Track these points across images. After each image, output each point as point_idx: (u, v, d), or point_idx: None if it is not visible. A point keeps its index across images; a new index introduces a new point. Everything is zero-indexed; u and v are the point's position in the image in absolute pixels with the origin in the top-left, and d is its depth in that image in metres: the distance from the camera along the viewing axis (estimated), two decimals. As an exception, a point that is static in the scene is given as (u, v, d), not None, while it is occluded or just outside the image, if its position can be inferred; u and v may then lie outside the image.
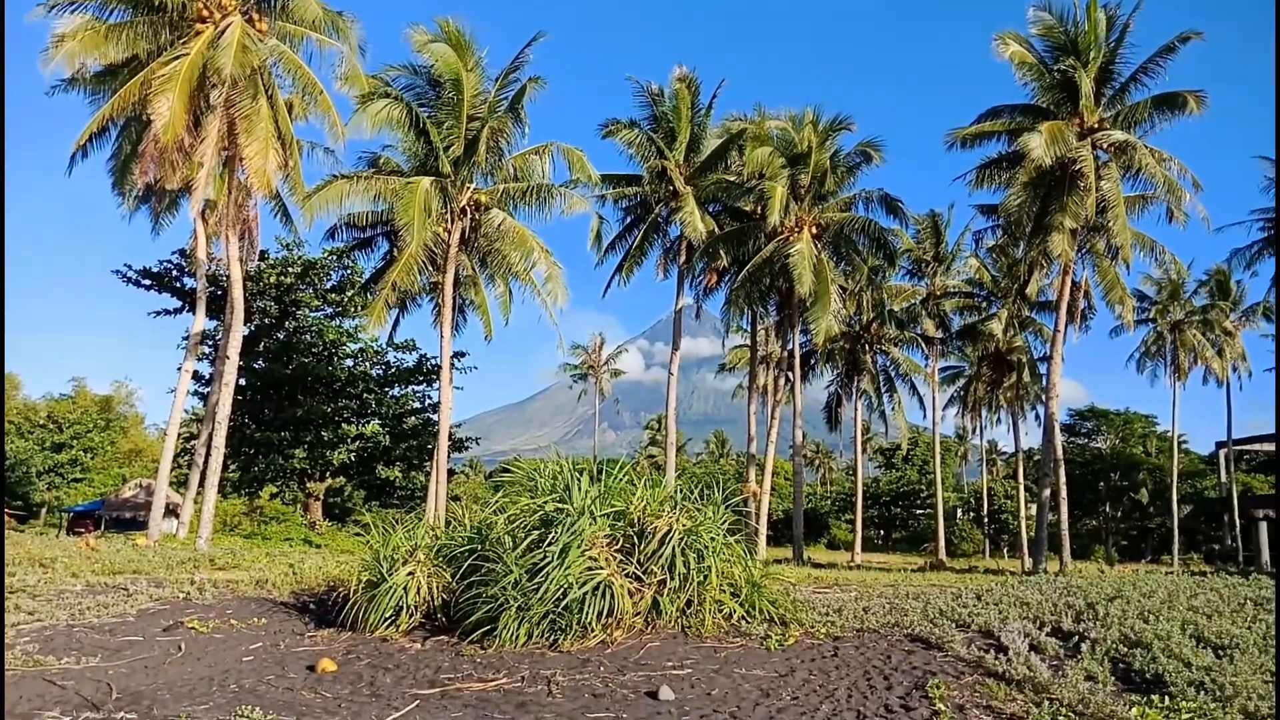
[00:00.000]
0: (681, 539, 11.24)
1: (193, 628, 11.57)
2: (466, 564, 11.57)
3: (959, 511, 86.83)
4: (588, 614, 10.40)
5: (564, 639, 10.41)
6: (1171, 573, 24.69)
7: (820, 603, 13.45)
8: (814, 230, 32.86)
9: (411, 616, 11.70)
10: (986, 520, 75.29)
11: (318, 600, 13.88)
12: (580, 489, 11.90)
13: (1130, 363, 59.19)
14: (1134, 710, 7.10)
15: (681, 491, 12.35)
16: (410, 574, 11.87)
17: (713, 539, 11.55)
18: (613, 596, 10.59)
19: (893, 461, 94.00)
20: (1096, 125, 30.21)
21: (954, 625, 10.94)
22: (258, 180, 22.70)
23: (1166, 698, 7.53)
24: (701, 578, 11.22)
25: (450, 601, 11.74)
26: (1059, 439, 32.35)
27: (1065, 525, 31.77)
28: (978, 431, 68.05)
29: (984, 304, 47.18)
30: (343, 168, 27.69)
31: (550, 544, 10.98)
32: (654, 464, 66.52)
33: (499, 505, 12.59)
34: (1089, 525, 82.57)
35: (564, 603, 10.44)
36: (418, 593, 11.78)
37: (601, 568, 10.88)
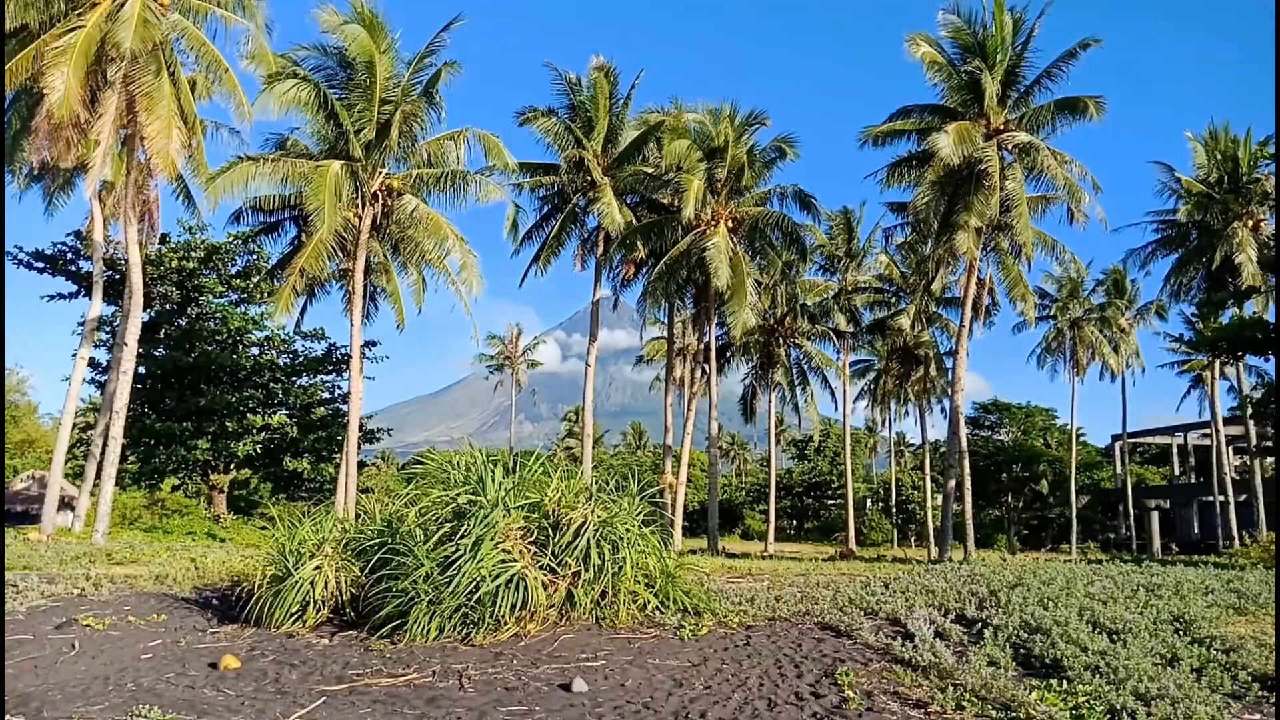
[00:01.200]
0: (597, 531, 11.22)
1: (88, 625, 11.10)
2: (376, 557, 11.34)
3: (868, 502, 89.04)
4: (501, 607, 10.30)
5: (477, 633, 10.29)
6: (1070, 560, 25.77)
7: (734, 592, 13.60)
8: (730, 224, 33.14)
9: (319, 612, 11.42)
10: (895, 510, 77.40)
11: (221, 596, 13.46)
12: (494, 480, 11.77)
13: (1031, 358, 61.42)
14: (1034, 694, 7.37)
15: (598, 483, 12.32)
16: (317, 568, 11.58)
17: (628, 530, 11.56)
18: (526, 589, 10.51)
19: (805, 453, 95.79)
20: (1002, 127, 31.17)
21: (863, 613, 11.19)
22: (160, 160, 21.74)
23: (1064, 681, 7.83)
24: (616, 569, 11.22)
25: (359, 596, 11.50)
26: (964, 431, 33.37)
27: (969, 515, 32.78)
28: (886, 424, 69.75)
29: (893, 299, 48.39)
30: (249, 149, 26.80)
31: (463, 536, 10.83)
32: (571, 456, 66.36)
33: (410, 497, 12.38)
34: (992, 515, 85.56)
35: (477, 596, 10.31)
36: (325, 587, 11.51)
37: (515, 560, 10.78)
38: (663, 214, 34.15)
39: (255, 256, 42.41)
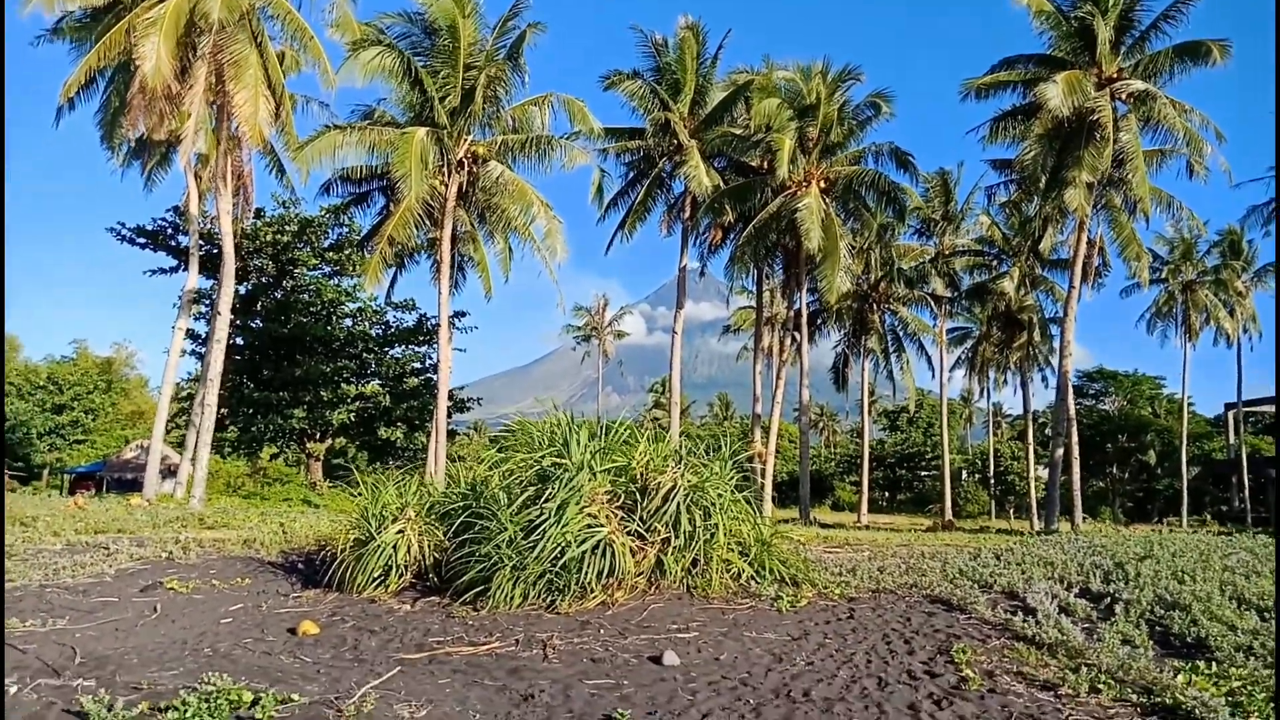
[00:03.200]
0: (687, 495, 10.64)
1: (172, 588, 11.05)
2: (459, 521, 10.99)
3: (964, 473, 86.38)
4: (587, 574, 9.83)
5: (562, 600, 9.85)
6: (1187, 533, 24.14)
7: (832, 562, 12.89)
8: (822, 184, 31.90)
9: (401, 577, 11.16)
10: (993, 482, 74.86)
11: (306, 560, 13.37)
12: (579, 443, 11.27)
13: (1140, 323, 58.31)
14: (1180, 677, 6.50)
15: (686, 448, 11.71)
16: (400, 532, 11.30)
17: (719, 496, 10.95)
18: (613, 555, 10.01)
19: (897, 424, 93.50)
20: (1115, 75, 29.15)
21: (976, 586, 10.36)
22: (248, 129, 21.87)
23: (1213, 663, 6.93)
24: (708, 536, 10.64)
25: (442, 561, 11.20)
26: (1071, 399, 31.64)
27: (1077, 486, 31.24)
28: (985, 393, 67.38)
29: (994, 262, 46.24)
30: (337, 121, 26.78)
31: (547, 500, 10.38)
32: (659, 426, 65.67)
33: (494, 461, 11.99)
34: (1095, 486, 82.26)
35: (561, 562, 9.86)
36: (408, 552, 11.24)
37: (602, 525, 10.28)
38: (751, 176, 33.12)
39: (347, 230, 42.95)
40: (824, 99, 31.78)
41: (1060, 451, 30.69)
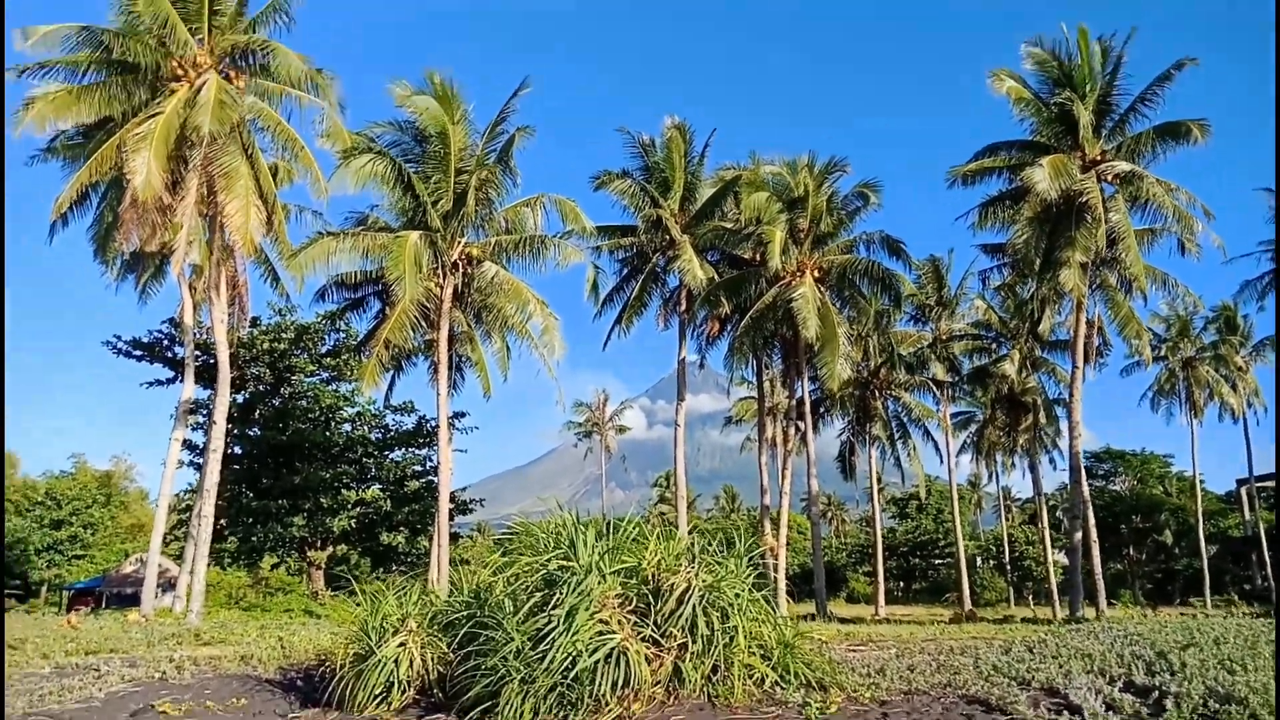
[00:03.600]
0: (703, 596, 10.14)
1: (164, 712, 10.47)
2: (463, 632, 10.47)
3: (978, 560, 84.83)
4: (600, 685, 9.26)
5: (575, 715, 9.26)
6: (1213, 615, 23.40)
7: (858, 662, 12.29)
8: (816, 274, 32.07)
9: (404, 693, 10.56)
10: (1009, 568, 73.31)
11: (305, 676, 12.77)
12: (586, 544, 10.82)
13: (1144, 401, 58.01)
14: (1249, 780, 5.99)
15: (699, 545, 11.26)
16: (401, 645, 10.75)
17: (737, 596, 10.44)
18: (628, 664, 9.46)
19: (906, 511, 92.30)
20: (1099, 158, 29.56)
21: (1013, 683, 9.80)
22: (240, 238, 21.99)
23: (1281, 762, 6.43)
24: (727, 639, 10.09)
25: (447, 675, 10.61)
26: (1085, 481, 31.11)
27: (1098, 569, 30.41)
28: (993, 477, 66.65)
29: (994, 345, 46.22)
30: (330, 228, 27.05)
31: (555, 606, 9.89)
32: (666, 521, 64.96)
33: (498, 566, 11.52)
34: (1114, 569, 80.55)
35: (573, 673, 9.31)
36: (410, 666, 10.66)
37: (614, 632, 9.76)
38: (745, 268, 33.33)
39: (344, 335, 43.02)
40: (812, 191, 32.20)
41: (1079, 535, 30.00)
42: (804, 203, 32.11)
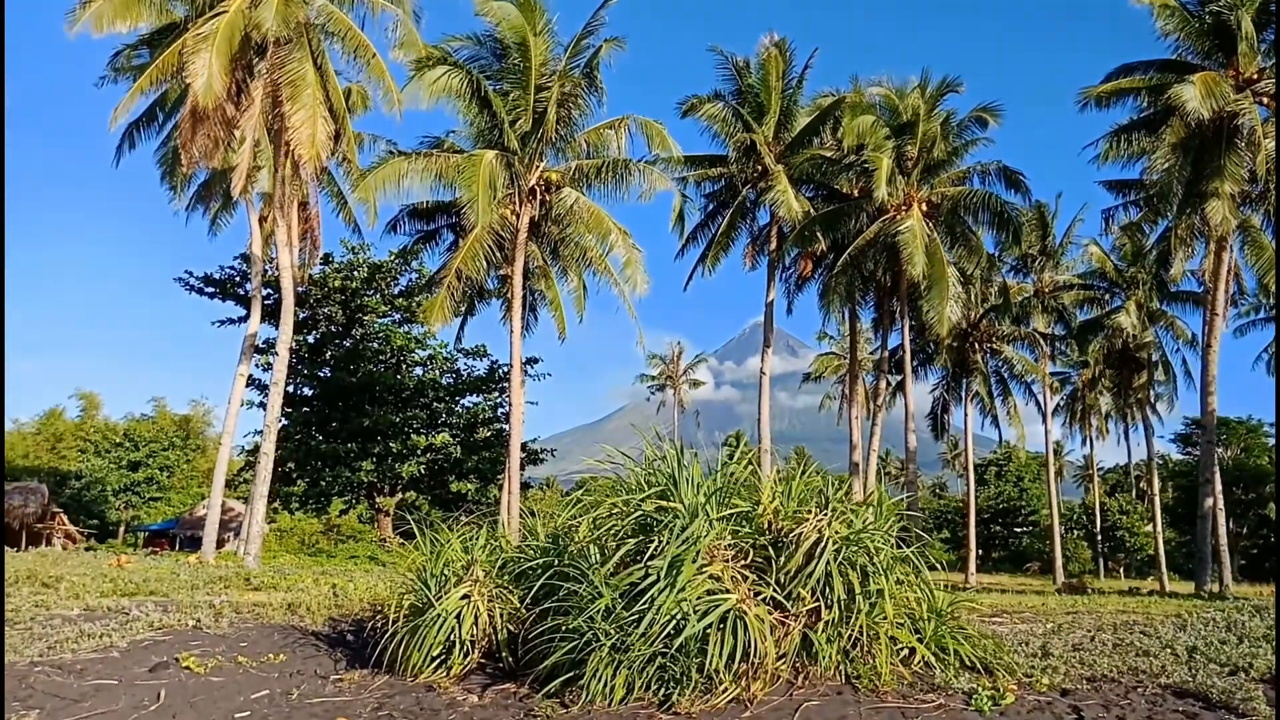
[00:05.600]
0: (838, 551, 8.03)
1: (188, 667, 8.82)
2: (539, 584, 8.55)
3: (1058, 529, 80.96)
4: (713, 658, 7.27)
5: (680, 694, 7.25)
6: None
7: (1007, 637, 10.08)
8: (924, 207, 29.16)
9: (467, 656, 8.71)
10: (1099, 538, 69.47)
11: (356, 629, 11.10)
12: (690, 482, 8.75)
13: (1258, 364, 53.48)
14: None
15: (830, 489, 9.09)
16: (464, 598, 8.87)
17: (880, 552, 8.30)
18: (746, 632, 7.43)
19: (984, 477, 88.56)
20: (1255, 76, 26.05)
21: (1223, 670, 7.53)
22: (305, 152, 20.26)
23: None
24: (869, 606, 7.99)
25: (518, 635, 8.75)
26: (1216, 443, 28.04)
27: (1225, 541, 27.49)
28: (1087, 443, 62.91)
29: (1106, 296, 42.54)
30: (401, 150, 25.19)
31: (653, 556, 7.89)
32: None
33: (580, 506, 9.58)
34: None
35: (678, 642, 7.33)
36: (474, 623, 8.79)
37: (727, 591, 7.72)
38: (843, 202, 30.61)
39: (416, 275, 41.61)
40: (923, 114, 29.19)
41: (1209, 502, 27.09)
42: (913, 128, 29.16)
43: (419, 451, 41.02)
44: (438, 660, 8.64)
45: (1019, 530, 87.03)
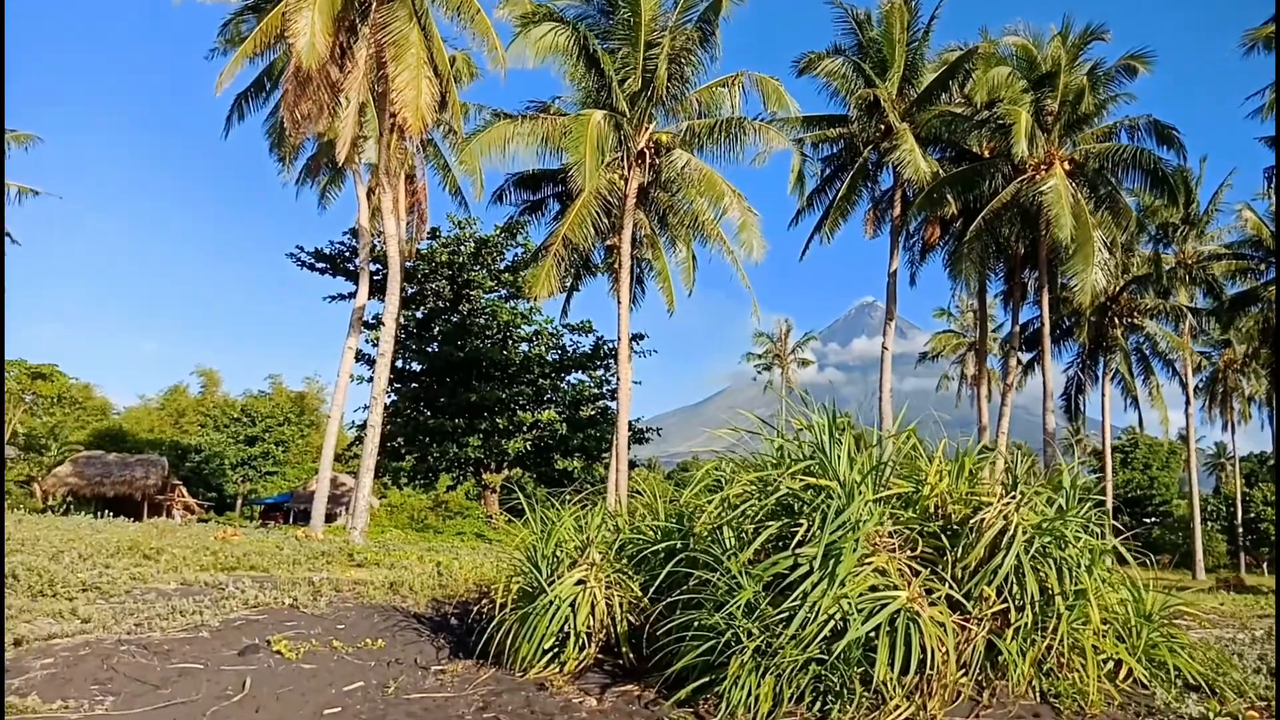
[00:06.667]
0: (1029, 543, 6.63)
1: (279, 650, 8.02)
2: (666, 571, 7.41)
3: (1199, 520, 76.01)
4: (881, 668, 6.00)
5: (839, 709, 6.00)
6: None
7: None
8: (1067, 166, 26.70)
9: (583, 650, 7.62)
10: (1241, 531, 64.64)
11: (461, 612, 10.19)
12: (843, 457, 7.45)
13: None
14: None
15: (1018, 467, 7.64)
16: (579, 583, 7.79)
17: (1080, 547, 6.85)
18: (921, 637, 6.13)
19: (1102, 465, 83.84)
20: None
21: None
22: (409, 114, 19.55)
23: None
24: (1068, 610, 6.57)
25: (641, 627, 7.64)
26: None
27: None
28: (1228, 428, 58.51)
29: (1260, 266, 38.78)
30: (507, 113, 24.32)
31: (803, 543, 6.64)
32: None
33: (710, 481, 8.38)
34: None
35: (838, 647, 6.07)
36: (591, 613, 7.71)
37: (895, 587, 6.43)
38: (974, 162, 28.37)
39: (522, 249, 41.12)
40: (1065, 64, 26.62)
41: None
42: (1053, 80, 26.63)
43: (525, 428, 40.65)
44: (550, 653, 7.60)
45: (1148, 520, 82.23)
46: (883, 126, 28.14)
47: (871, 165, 29.27)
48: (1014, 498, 6.89)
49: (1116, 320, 36.54)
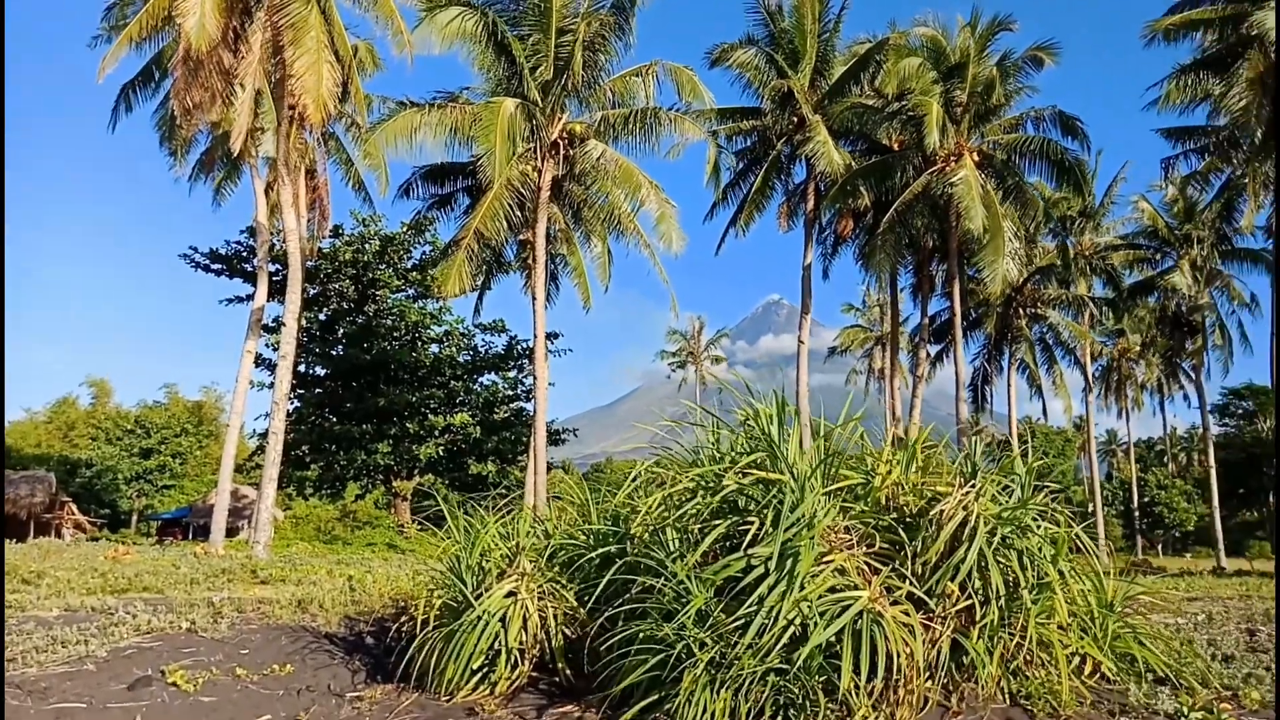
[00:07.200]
0: (990, 535, 6.26)
1: (174, 682, 7.20)
2: (606, 579, 6.82)
3: (1100, 506, 79.17)
4: (846, 676, 5.53)
5: (802, 721, 5.53)
6: None
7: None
8: (976, 157, 27.03)
9: (516, 668, 6.97)
10: (1138, 515, 67.41)
11: (378, 630, 9.44)
12: (792, 445, 6.97)
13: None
14: None
15: (974, 457, 7.28)
16: (510, 595, 7.16)
17: (1041, 537, 6.52)
18: (885, 640, 5.68)
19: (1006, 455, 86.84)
20: (1338, 8, 23.84)
21: None
22: (310, 100, 18.42)
23: None
24: (1034, 604, 6.21)
25: (580, 641, 7.05)
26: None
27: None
28: (1123, 415, 61.13)
29: (1156, 256, 40.29)
30: (414, 101, 23.30)
31: (755, 544, 6.14)
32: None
33: (649, 479, 7.82)
34: (1245, 517, 74.39)
35: (800, 655, 5.58)
36: (524, 627, 7.08)
37: (856, 587, 5.97)
38: (886, 155, 28.54)
39: (431, 247, 39.87)
40: (974, 56, 26.95)
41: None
42: (962, 71, 26.91)
43: (437, 432, 39.45)
44: (479, 673, 6.96)
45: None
46: (796, 119, 28.06)
47: (785, 158, 29.19)
48: (973, 487, 6.51)
49: (1021, 310, 37.47)
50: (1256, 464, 70.20)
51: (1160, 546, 71.15)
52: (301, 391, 40.16)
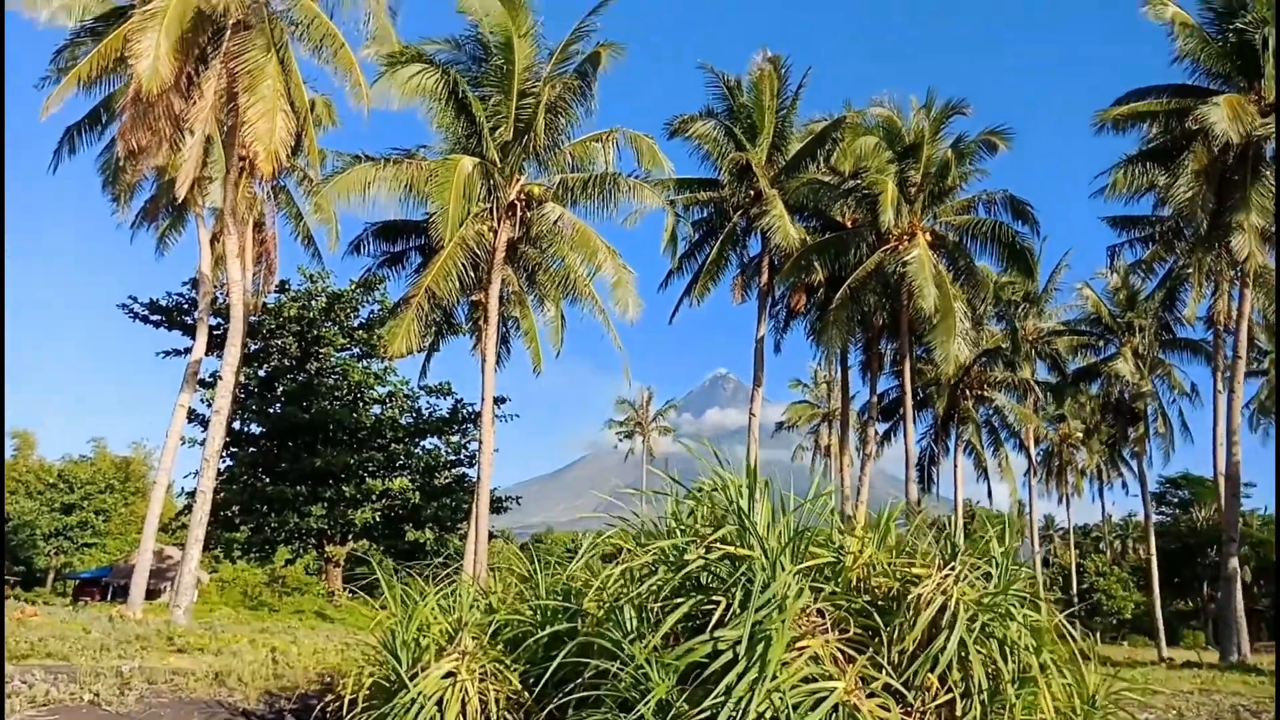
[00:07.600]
0: (971, 622, 5.84)
1: (67, 769, 6.39)
2: (556, 662, 6.23)
3: (1043, 592, 79.30)
4: (820, 777, 4.99)
5: (774, 832, 4.97)
6: None
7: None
8: (928, 237, 27.42)
9: (455, 758, 6.34)
10: (1077, 601, 67.68)
11: (302, 709, 8.70)
12: (760, 519, 6.52)
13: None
14: None
15: (947, 538, 6.89)
16: (449, 676, 6.53)
17: (1024, 626, 6.13)
18: (862, 737, 5.16)
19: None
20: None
21: None
22: (261, 148, 17.85)
23: None
24: (1017, 699, 5.77)
25: (526, 729, 6.41)
26: (1240, 500, 26.35)
27: (1240, 607, 25.78)
28: (1063, 501, 61.61)
29: (1099, 342, 41.11)
30: (369, 155, 22.92)
31: (721, 625, 5.64)
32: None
33: (602, 553, 7.29)
34: (1177, 607, 75.09)
35: (773, 753, 5.03)
36: (462, 712, 6.43)
37: (830, 676, 5.49)
38: (841, 231, 28.84)
39: (379, 306, 39.10)
40: (928, 138, 27.53)
41: (1234, 563, 25.26)
42: (917, 151, 27.40)
43: (374, 496, 38.15)
44: (413, 764, 6.25)
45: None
46: (753, 192, 28.29)
47: (741, 230, 29.34)
48: (952, 570, 6.10)
49: (968, 392, 37.82)
50: (1191, 553, 71.23)
51: (1098, 634, 71.25)
52: (235, 450, 38.69)
